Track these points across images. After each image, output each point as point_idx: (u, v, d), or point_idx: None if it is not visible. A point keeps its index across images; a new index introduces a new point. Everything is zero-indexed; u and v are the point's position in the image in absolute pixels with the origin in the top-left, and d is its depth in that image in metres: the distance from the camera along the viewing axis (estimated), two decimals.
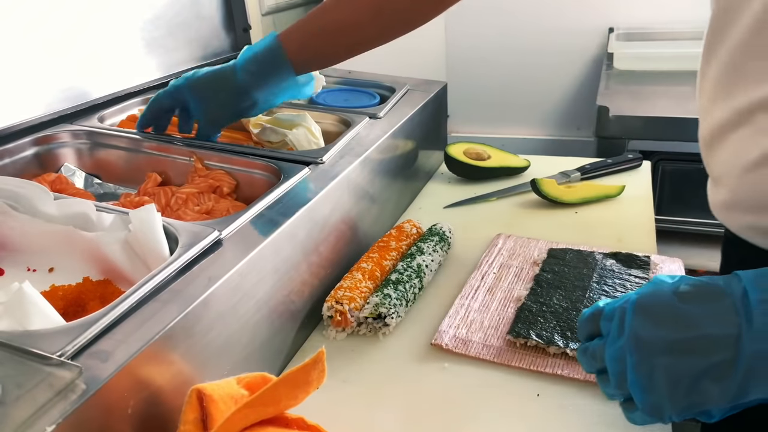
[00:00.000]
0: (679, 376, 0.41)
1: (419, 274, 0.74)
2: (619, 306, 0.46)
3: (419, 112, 0.99)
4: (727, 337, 0.40)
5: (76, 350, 0.43)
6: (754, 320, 0.40)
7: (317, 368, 0.48)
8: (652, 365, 0.42)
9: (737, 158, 0.53)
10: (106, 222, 0.60)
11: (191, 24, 1.11)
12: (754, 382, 0.39)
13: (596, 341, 0.48)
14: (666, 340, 0.42)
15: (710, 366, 0.40)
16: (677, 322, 0.42)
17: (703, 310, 0.41)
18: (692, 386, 0.41)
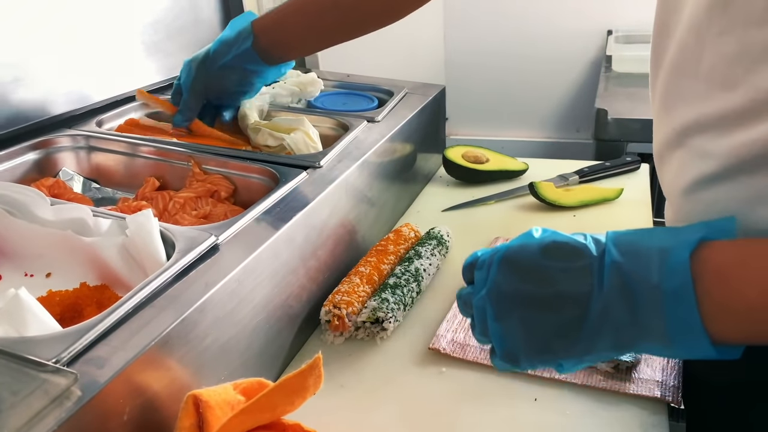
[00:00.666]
0: (532, 329, 0.44)
1: (417, 278, 0.74)
2: (489, 256, 0.47)
3: (417, 116, 0.99)
4: (579, 296, 0.42)
5: (71, 357, 0.43)
6: (604, 281, 0.41)
7: (314, 374, 0.48)
8: (509, 317, 0.44)
9: (677, 179, 0.52)
10: (103, 227, 0.60)
11: (190, 28, 1.11)
12: (599, 340, 0.42)
13: (468, 288, 0.50)
14: (523, 295, 0.44)
15: (561, 322, 0.42)
16: (537, 278, 0.43)
17: (563, 267, 0.43)
18: (544, 340, 0.43)
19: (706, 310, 0.38)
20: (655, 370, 0.61)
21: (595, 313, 0.41)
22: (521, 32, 1.95)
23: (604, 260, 0.42)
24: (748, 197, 0.45)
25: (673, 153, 0.52)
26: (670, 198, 0.55)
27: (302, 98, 1.05)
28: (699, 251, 0.39)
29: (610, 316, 0.41)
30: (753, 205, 0.45)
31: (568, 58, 1.93)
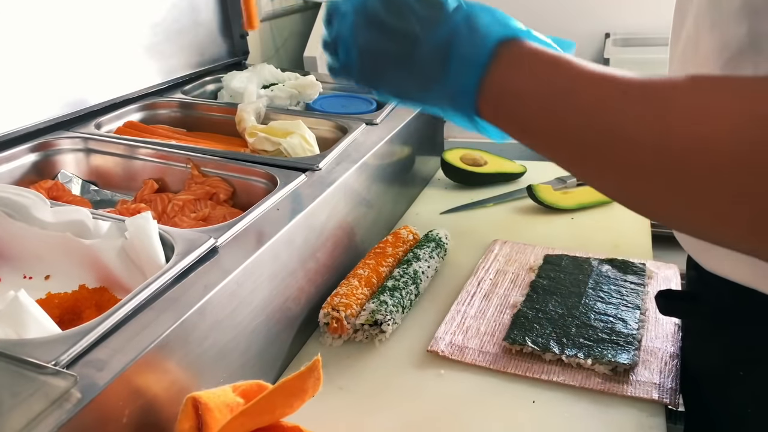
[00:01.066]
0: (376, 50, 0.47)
1: (415, 280, 0.74)
2: None
3: (416, 118, 1.00)
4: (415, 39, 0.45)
5: (71, 359, 0.44)
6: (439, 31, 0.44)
7: (313, 376, 0.48)
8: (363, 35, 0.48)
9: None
10: (103, 229, 0.60)
11: (189, 30, 1.12)
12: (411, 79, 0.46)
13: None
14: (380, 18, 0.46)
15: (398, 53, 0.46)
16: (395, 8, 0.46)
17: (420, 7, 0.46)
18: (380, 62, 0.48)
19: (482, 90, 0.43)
20: (652, 373, 0.61)
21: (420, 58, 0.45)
22: None
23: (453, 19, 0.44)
24: None
25: None
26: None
27: (301, 101, 1.05)
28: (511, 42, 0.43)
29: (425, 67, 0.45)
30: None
31: None
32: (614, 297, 0.71)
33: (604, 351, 0.63)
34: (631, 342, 0.64)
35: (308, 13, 1.52)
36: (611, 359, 0.62)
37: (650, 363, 0.62)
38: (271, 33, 1.41)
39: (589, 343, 0.64)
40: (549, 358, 0.64)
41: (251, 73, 1.09)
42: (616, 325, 0.67)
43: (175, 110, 1.02)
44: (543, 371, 0.62)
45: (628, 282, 0.74)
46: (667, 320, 0.69)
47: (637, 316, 0.68)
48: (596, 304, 0.70)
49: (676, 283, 0.75)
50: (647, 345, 0.65)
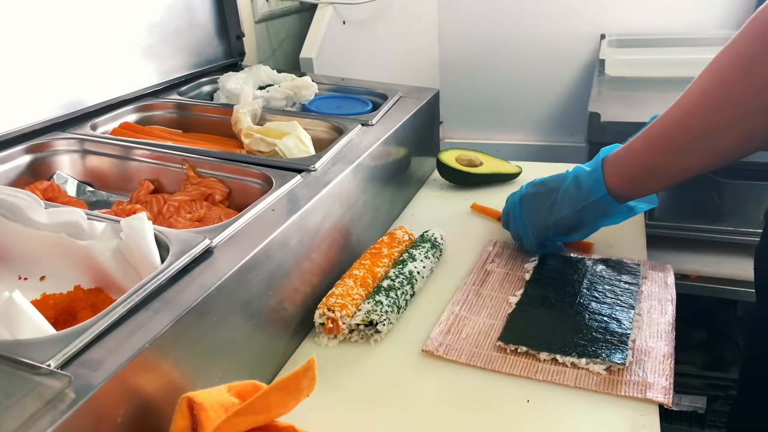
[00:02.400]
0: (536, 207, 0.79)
1: (411, 280, 0.75)
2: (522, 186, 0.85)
3: (411, 119, 1.00)
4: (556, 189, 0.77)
5: (65, 359, 0.44)
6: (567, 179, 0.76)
7: (308, 376, 0.48)
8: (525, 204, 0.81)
9: None
10: (98, 230, 0.60)
11: (185, 31, 1.12)
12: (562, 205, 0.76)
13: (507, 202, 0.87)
14: (534, 192, 0.81)
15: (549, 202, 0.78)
16: (538, 185, 0.81)
17: (552, 180, 0.79)
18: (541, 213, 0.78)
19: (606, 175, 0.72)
20: (646, 372, 0.61)
21: (561, 192, 0.76)
22: (516, 36, 1.96)
23: (569, 174, 0.77)
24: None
25: None
26: None
27: (297, 102, 1.05)
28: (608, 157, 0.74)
29: (567, 192, 0.75)
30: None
31: (562, 61, 1.94)
32: (608, 297, 0.72)
33: (598, 350, 0.63)
34: (625, 342, 0.64)
35: (305, 15, 1.52)
36: (605, 359, 0.62)
37: (644, 363, 0.63)
38: (268, 34, 1.41)
39: (583, 343, 0.64)
40: (543, 358, 0.64)
41: (247, 75, 1.09)
42: (611, 324, 0.67)
43: (171, 111, 1.02)
44: (537, 371, 0.63)
45: (623, 282, 0.74)
46: (662, 320, 0.69)
47: (631, 315, 0.69)
48: (590, 304, 0.70)
49: (670, 282, 0.76)
50: (641, 344, 0.65)
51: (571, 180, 0.75)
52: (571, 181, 0.75)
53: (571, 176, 0.75)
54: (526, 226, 0.80)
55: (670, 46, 1.66)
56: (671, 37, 1.68)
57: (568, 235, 0.78)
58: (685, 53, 1.55)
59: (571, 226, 0.76)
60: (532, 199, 0.79)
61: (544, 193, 0.78)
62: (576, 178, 0.74)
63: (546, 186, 0.79)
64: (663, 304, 0.72)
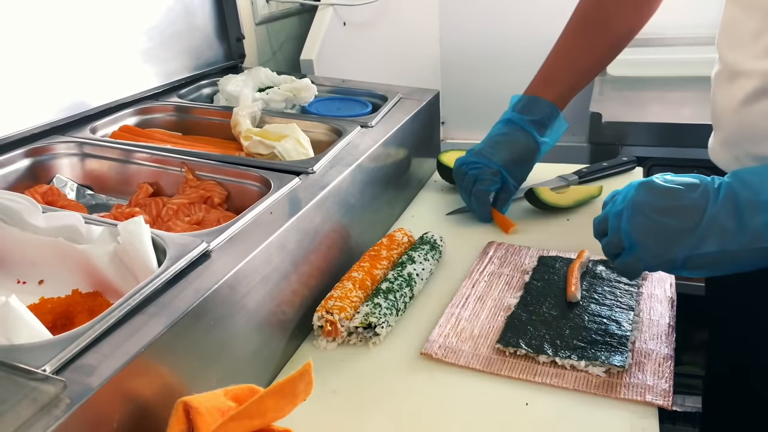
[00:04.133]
0: (657, 231, 0.57)
1: (410, 283, 0.74)
2: (628, 186, 0.61)
3: (411, 121, 1.00)
4: (697, 208, 0.55)
5: (61, 364, 0.44)
6: (720, 197, 0.55)
7: (304, 380, 0.48)
8: (640, 221, 0.58)
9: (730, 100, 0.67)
10: (95, 234, 0.60)
11: (185, 34, 1.12)
12: (706, 239, 0.55)
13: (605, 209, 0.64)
14: (654, 205, 0.57)
15: (680, 227, 0.56)
16: (665, 195, 0.57)
17: (687, 190, 0.57)
18: (665, 241, 0.57)
19: None
20: (646, 375, 0.61)
21: (708, 219, 0.55)
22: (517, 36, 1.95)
23: (721, 185, 0.56)
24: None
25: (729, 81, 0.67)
26: (721, 120, 0.70)
27: (296, 104, 1.05)
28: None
29: (718, 221, 0.54)
30: None
31: None
32: (608, 298, 0.71)
33: (597, 353, 0.63)
34: (625, 344, 0.64)
35: (305, 16, 1.52)
36: (605, 361, 0.61)
37: (644, 365, 0.62)
38: (268, 36, 1.41)
39: (582, 345, 0.64)
40: (542, 361, 0.64)
41: (247, 77, 1.09)
42: (610, 326, 0.67)
43: (171, 114, 1.02)
44: (536, 374, 0.62)
45: (622, 283, 0.74)
46: (662, 321, 0.69)
47: (630, 317, 0.68)
48: (590, 306, 0.70)
49: (670, 283, 0.75)
50: (641, 347, 0.65)
51: (725, 203, 0.54)
52: (725, 205, 0.54)
53: (724, 197, 0.54)
54: (637, 247, 0.59)
55: (671, 45, 1.66)
56: (673, 37, 1.68)
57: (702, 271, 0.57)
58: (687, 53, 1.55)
59: (715, 265, 0.56)
60: (652, 215, 0.57)
61: (674, 211, 0.56)
62: (735, 205, 0.54)
63: (678, 201, 0.56)
64: (663, 305, 0.71)
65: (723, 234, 0.54)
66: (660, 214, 0.57)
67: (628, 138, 1.34)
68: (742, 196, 0.54)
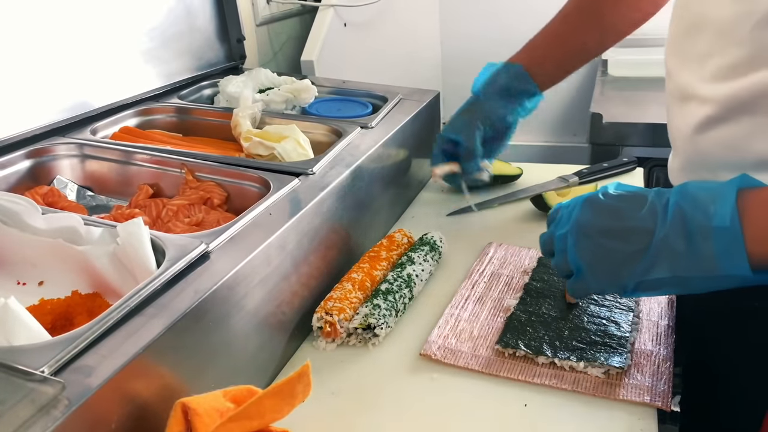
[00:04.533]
0: (604, 256, 0.53)
1: (409, 284, 0.74)
2: (573, 202, 0.57)
3: (411, 122, 1.00)
4: (645, 230, 0.51)
5: (59, 366, 0.44)
6: (668, 217, 0.50)
7: (302, 381, 0.48)
8: (587, 246, 0.54)
9: (685, 124, 0.64)
10: (95, 235, 0.60)
11: (186, 35, 1.12)
12: (657, 266, 0.51)
13: (551, 227, 0.60)
14: (600, 228, 0.54)
15: (628, 251, 0.52)
16: (610, 215, 0.54)
17: (633, 208, 0.53)
18: (613, 266, 0.53)
19: (749, 237, 0.46)
20: (644, 376, 0.61)
21: (657, 242, 0.50)
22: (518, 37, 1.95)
23: (668, 202, 0.51)
24: (746, 133, 0.57)
25: (682, 104, 0.64)
26: (677, 144, 0.67)
27: (296, 105, 1.05)
28: (742, 192, 0.48)
29: (668, 245, 0.50)
30: (751, 140, 0.57)
31: None
32: (607, 299, 0.71)
33: (596, 354, 0.63)
34: (624, 345, 0.64)
35: (306, 17, 1.53)
36: (604, 362, 0.61)
37: (643, 366, 0.62)
38: (269, 37, 1.41)
39: (581, 346, 0.64)
40: (541, 362, 0.64)
41: (247, 78, 1.09)
42: (609, 327, 0.66)
43: (172, 115, 1.02)
44: (535, 375, 0.62)
45: None
46: (661, 322, 0.69)
47: (630, 318, 0.68)
48: (589, 307, 0.70)
49: None
50: (640, 348, 0.65)
51: (674, 225, 0.50)
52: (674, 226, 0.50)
53: (673, 217, 0.50)
54: (584, 271, 0.55)
55: None
56: None
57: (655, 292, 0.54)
58: None
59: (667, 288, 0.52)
60: (598, 238, 0.53)
61: (620, 232, 0.52)
62: (685, 227, 0.49)
63: (624, 222, 0.52)
64: (662, 306, 0.71)
65: (674, 258, 0.50)
66: (606, 236, 0.53)
67: (629, 138, 1.34)
68: (692, 218, 0.49)
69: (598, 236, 0.53)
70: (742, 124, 0.57)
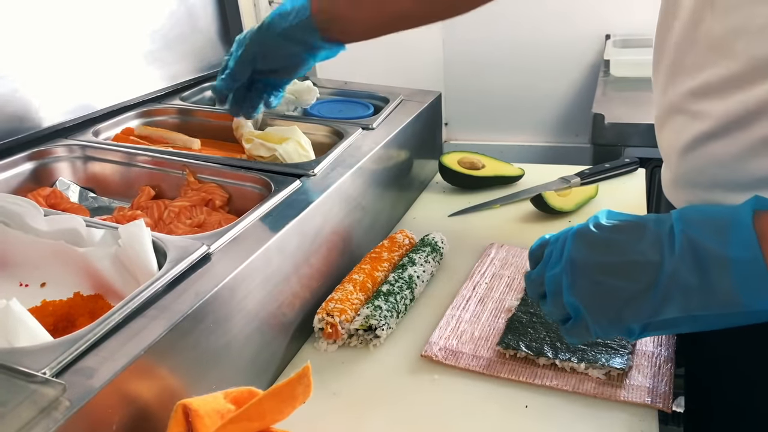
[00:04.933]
0: (605, 296, 0.47)
1: (410, 285, 0.75)
2: (562, 235, 0.51)
3: (413, 122, 1.00)
4: (650, 264, 0.45)
5: (61, 367, 0.44)
6: (675, 248, 0.44)
7: (303, 383, 0.48)
8: (584, 286, 0.48)
9: (676, 140, 0.58)
10: (96, 237, 0.61)
11: (187, 37, 1.12)
12: (668, 304, 0.45)
13: (540, 266, 0.53)
14: (598, 265, 0.47)
15: (633, 289, 0.46)
16: (608, 249, 0.47)
17: (632, 240, 0.46)
18: (616, 307, 0.47)
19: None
20: (645, 377, 0.61)
21: (665, 278, 0.44)
22: (520, 37, 1.96)
23: (673, 230, 0.45)
24: (740, 150, 0.52)
25: (673, 118, 0.59)
26: (669, 159, 0.62)
27: (298, 106, 1.05)
28: (758, 214, 0.43)
29: (679, 280, 0.44)
30: (746, 158, 0.51)
31: (567, 62, 1.93)
32: None
33: (597, 355, 0.63)
34: (625, 346, 0.64)
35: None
36: (605, 363, 0.61)
37: (644, 367, 0.62)
38: None
39: (582, 348, 0.64)
40: (542, 363, 0.64)
41: None
42: None
43: (173, 117, 1.02)
44: (536, 376, 0.62)
45: None
46: None
47: None
48: None
49: None
50: (641, 349, 0.65)
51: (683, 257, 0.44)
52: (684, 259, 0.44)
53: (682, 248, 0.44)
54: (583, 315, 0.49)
55: None
56: None
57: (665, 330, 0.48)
58: None
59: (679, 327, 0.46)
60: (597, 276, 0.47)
61: (622, 269, 0.47)
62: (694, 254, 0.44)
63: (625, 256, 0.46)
64: None
65: (687, 295, 0.44)
66: (606, 274, 0.47)
67: (631, 139, 1.34)
68: (705, 248, 0.43)
69: (597, 274, 0.47)
70: (737, 141, 0.52)
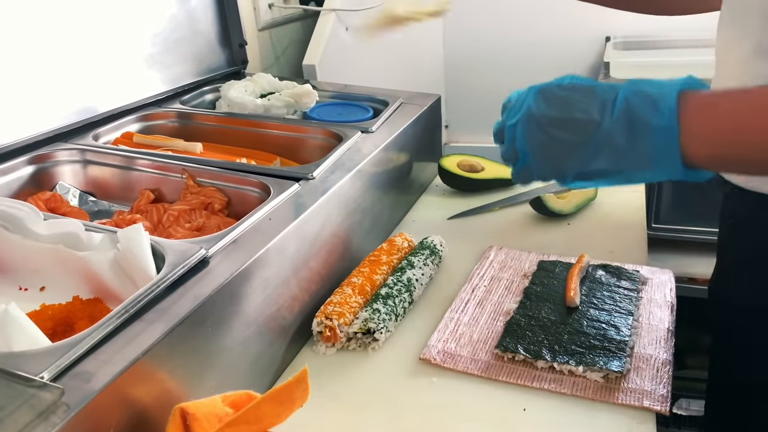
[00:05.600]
0: (551, 145, 0.54)
1: (409, 288, 0.75)
2: (526, 90, 0.57)
3: (412, 125, 1.00)
4: (591, 122, 0.52)
5: (59, 371, 0.44)
6: (615, 111, 0.51)
7: (300, 386, 0.48)
8: (535, 135, 0.55)
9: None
10: (95, 241, 0.61)
11: (188, 40, 1.12)
12: (598, 158, 0.52)
13: (504, 115, 0.60)
14: (549, 118, 0.54)
15: (573, 141, 0.53)
16: (560, 106, 0.54)
17: (583, 100, 0.53)
18: (558, 154, 0.54)
19: (684, 136, 0.48)
20: (644, 380, 0.61)
21: (600, 135, 0.52)
22: (521, 39, 1.96)
23: (617, 97, 0.51)
24: None
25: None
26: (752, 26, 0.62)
27: (297, 109, 1.05)
28: (684, 93, 0.49)
29: (610, 139, 0.51)
30: None
31: (568, 64, 1.93)
32: (607, 303, 0.71)
33: (595, 358, 0.63)
34: (623, 349, 0.64)
35: (308, 22, 1.53)
36: (603, 366, 0.61)
37: (642, 370, 0.62)
38: (271, 42, 1.42)
39: (581, 351, 0.64)
40: (541, 366, 0.64)
41: (248, 83, 1.10)
42: (609, 331, 0.66)
43: (174, 120, 1.03)
44: (534, 379, 0.62)
45: (622, 288, 0.74)
46: (661, 326, 0.69)
47: (629, 322, 0.68)
48: (589, 311, 0.70)
49: (670, 288, 0.75)
50: (639, 352, 0.65)
51: (619, 120, 0.51)
52: (619, 122, 0.51)
53: (620, 113, 0.51)
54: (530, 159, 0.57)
55: (674, 48, 1.65)
56: (676, 39, 1.67)
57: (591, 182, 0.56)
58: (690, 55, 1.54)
59: (602, 176, 0.54)
60: (547, 127, 0.54)
61: (568, 124, 0.53)
62: (629, 123, 0.51)
63: (573, 114, 0.53)
64: (662, 310, 0.71)
65: (614, 152, 0.52)
66: (554, 126, 0.54)
67: None
68: (637, 114, 0.50)
69: (546, 126, 0.54)
70: None
